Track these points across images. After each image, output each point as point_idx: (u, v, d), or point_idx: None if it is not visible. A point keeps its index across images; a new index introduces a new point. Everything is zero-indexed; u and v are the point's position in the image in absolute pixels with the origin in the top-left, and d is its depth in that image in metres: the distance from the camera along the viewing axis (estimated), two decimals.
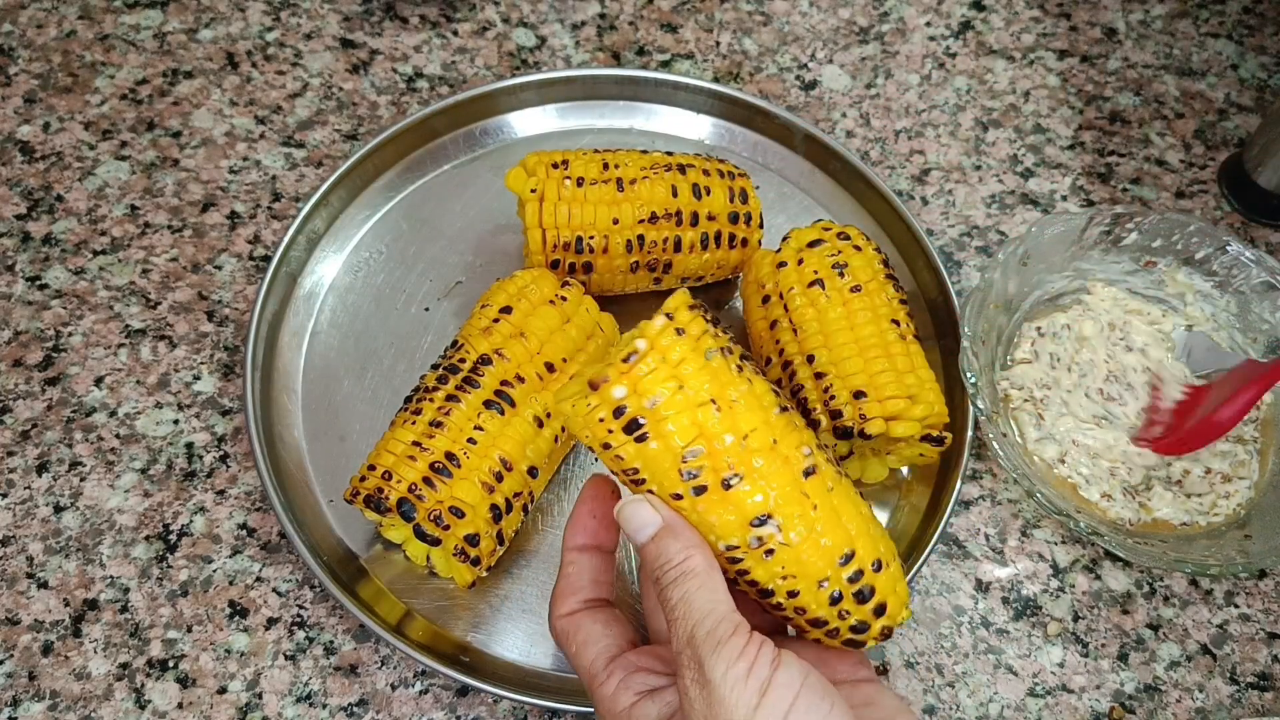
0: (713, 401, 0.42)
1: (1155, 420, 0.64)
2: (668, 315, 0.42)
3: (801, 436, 0.44)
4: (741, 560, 0.43)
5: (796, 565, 0.43)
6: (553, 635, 0.47)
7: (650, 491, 0.43)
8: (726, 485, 0.42)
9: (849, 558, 0.44)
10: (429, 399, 0.57)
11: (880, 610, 0.45)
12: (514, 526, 0.58)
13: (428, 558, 0.59)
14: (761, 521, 0.42)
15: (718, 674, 0.39)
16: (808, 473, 0.43)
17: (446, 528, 0.54)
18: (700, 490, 0.42)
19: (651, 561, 0.43)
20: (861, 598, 0.44)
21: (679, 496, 0.42)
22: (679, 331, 0.42)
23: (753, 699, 0.38)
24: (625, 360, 0.42)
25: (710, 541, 0.43)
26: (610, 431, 0.42)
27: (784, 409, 0.44)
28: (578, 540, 0.47)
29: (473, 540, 0.55)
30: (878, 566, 0.45)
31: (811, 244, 0.63)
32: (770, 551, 0.42)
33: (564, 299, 0.60)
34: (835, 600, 0.44)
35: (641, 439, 0.42)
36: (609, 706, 0.44)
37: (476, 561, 0.56)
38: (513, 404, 0.56)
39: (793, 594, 0.44)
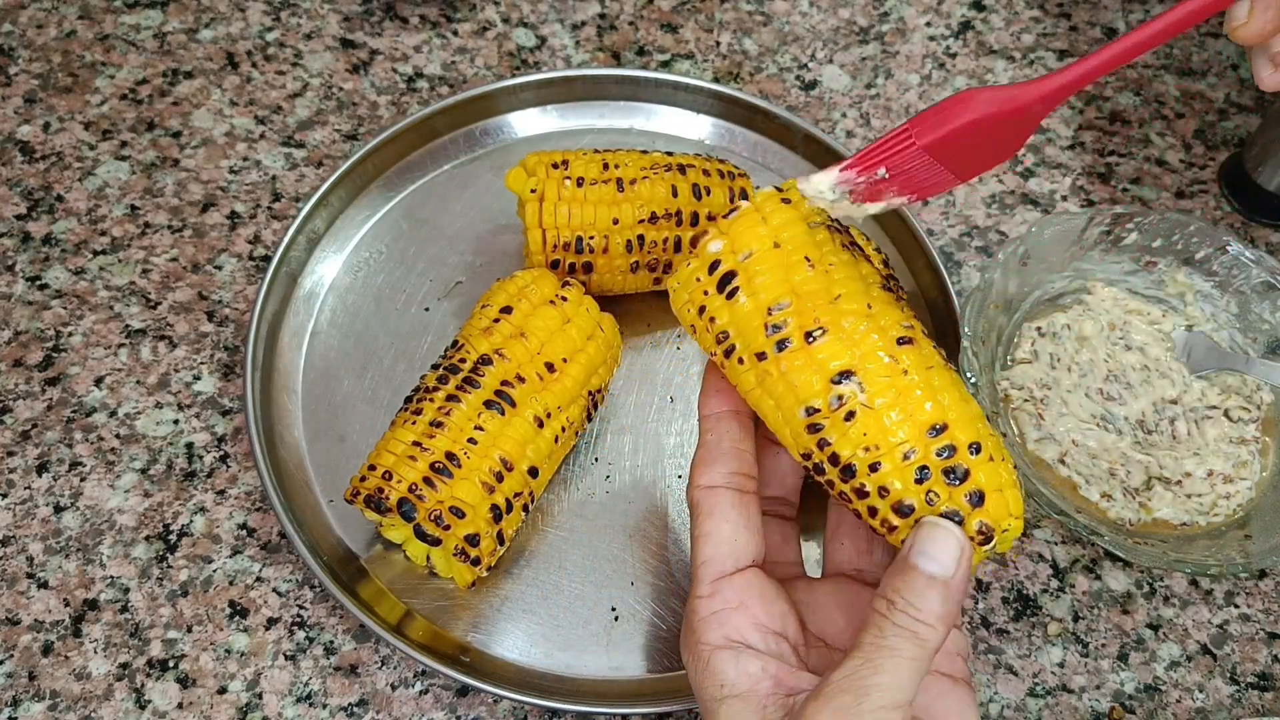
0: (807, 259, 0.40)
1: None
2: (779, 188, 0.42)
3: (905, 315, 0.41)
4: (823, 428, 0.40)
5: (879, 432, 0.39)
6: (688, 503, 0.45)
7: (739, 361, 0.41)
8: (809, 338, 0.40)
9: (940, 429, 0.39)
10: (429, 399, 0.57)
11: (977, 499, 0.39)
12: (514, 526, 0.58)
13: (428, 558, 0.59)
14: (843, 377, 0.39)
15: None
16: (902, 341, 0.40)
17: (447, 528, 0.54)
18: (783, 345, 0.40)
19: (907, 589, 0.38)
20: (952, 477, 0.39)
21: (763, 356, 0.41)
22: (786, 201, 0.41)
23: None
24: (726, 216, 0.41)
25: (791, 406, 0.41)
26: (706, 293, 0.41)
27: (889, 289, 0.41)
28: (714, 407, 0.45)
29: (473, 540, 0.55)
30: (975, 449, 0.40)
31: None
32: (851, 415, 0.39)
33: (564, 299, 0.60)
34: (921, 477, 0.39)
35: (732, 294, 0.41)
36: (694, 624, 0.42)
37: (476, 561, 0.56)
38: (513, 404, 0.57)
39: (874, 467, 0.40)
